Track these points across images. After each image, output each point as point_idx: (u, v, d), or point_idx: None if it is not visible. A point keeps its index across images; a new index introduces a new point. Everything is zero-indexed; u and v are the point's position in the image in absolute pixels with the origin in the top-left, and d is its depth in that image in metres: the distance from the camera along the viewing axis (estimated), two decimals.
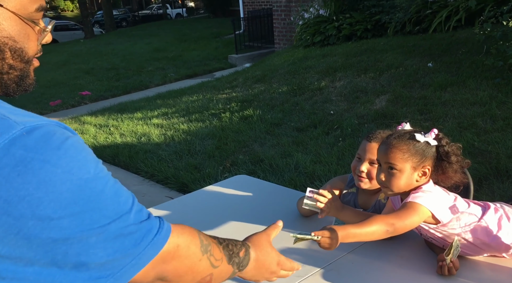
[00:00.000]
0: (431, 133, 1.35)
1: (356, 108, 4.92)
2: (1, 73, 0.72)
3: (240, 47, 10.89)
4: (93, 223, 0.61)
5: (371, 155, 1.65)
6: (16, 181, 0.55)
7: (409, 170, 1.35)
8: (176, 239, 0.74)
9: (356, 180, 1.71)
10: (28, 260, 0.57)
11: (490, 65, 4.54)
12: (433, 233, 1.40)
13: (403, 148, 1.35)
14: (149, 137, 5.35)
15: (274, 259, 1.02)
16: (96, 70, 11.26)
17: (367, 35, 7.36)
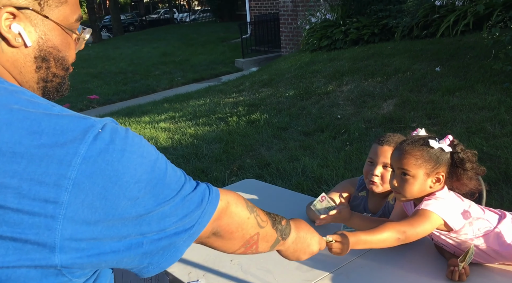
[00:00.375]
0: (446, 139, 1.34)
1: (363, 112, 4.91)
2: (46, 82, 0.79)
3: (247, 51, 10.92)
4: (166, 196, 0.70)
5: (384, 158, 1.65)
6: (107, 169, 0.64)
7: (422, 176, 1.34)
8: (226, 196, 0.83)
9: (368, 183, 1.71)
10: (121, 236, 0.66)
11: (498, 70, 4.52)
12: (444, 239, 1.39)
13: (417, 154, 1.34)
14: (156, 141, 5.37)
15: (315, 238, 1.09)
16: (104, 74, 11.35)
17: (374, 40, 7.36)
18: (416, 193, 1.37)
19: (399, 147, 1.40)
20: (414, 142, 1.37)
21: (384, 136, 1.71)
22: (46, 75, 0.78)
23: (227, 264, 1.51)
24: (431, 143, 1.33)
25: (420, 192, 1.36)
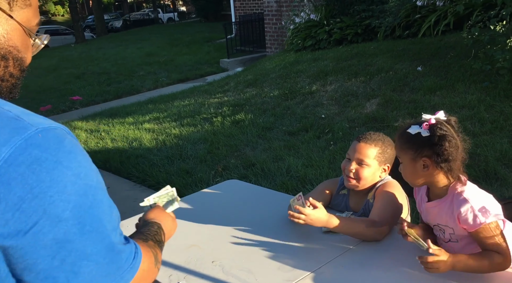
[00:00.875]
0: (424, 124, 1.35)
1: (347, 112, 4.95)
2: (1, 80, 0.75)
3: (232, 51, 10.91)
4: (92, 229, 0.63)
5: (359, 155, 1.68)
6: (31, 178, 0.57)
7: (409, 162, 1.38)
8: (143, 264, 0.77)
9: (345, 180, 1.74)
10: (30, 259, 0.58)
11: (478, 69, 4.60)
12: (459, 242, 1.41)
13: (400, 141, 1.41)
14: (140, 142, 5.33)
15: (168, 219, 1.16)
16: (87, 75, 11.21)
17: (358, 40, 7.42)
18: (412, 178, 1.42)
19: (396, 136, 1.46)
20: (402, 130, 1.41)
21: (364, 134, 1.74)
22: (3, 74, 0.75)
23: (209, 266, 1.51)
24: (410, 129, 1.37)
25: (416, 178, 1.40)
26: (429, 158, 1.34)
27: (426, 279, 1.34)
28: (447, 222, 1.41)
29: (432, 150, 1.33)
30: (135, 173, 4.45)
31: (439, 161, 1.33)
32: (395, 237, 1.61)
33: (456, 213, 1.34)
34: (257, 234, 1.71)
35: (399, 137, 1.41)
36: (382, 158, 1.70)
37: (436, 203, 1.42)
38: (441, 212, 1.41)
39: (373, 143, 1.70)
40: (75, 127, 6.41)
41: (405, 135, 1.38)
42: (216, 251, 1.60)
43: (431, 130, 1.34)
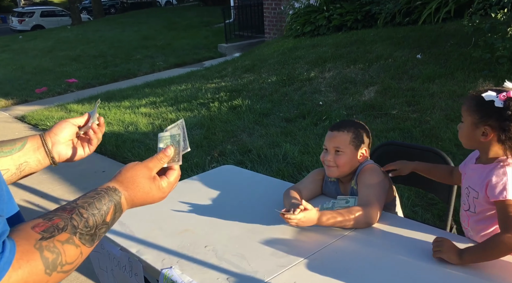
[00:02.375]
0: (501, 94, 1.29)
1: (345, 99, 4.92)
2: None
3: (230, 36, 10.80)
4: None
5: (334, 143, 1.71)
6: None
7: (471, 124, 1.36)
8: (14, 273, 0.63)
9: (326, 170, 1.75)
10: None
11: (478, 58, 4.57)
12: None
13: (469, 102, 1.37)
14: (136, 126, 5.30)
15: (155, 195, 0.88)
16: (83, 58, 11.09)
17: (357, 26, 7.35)
18: (466, 140, 1.42)
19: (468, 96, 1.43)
20: (477, 92, 1.37)
21: (336, 123, 1.78)
22: None
23: (202, 251, 1.50)
24: (485, 94, 1.32)
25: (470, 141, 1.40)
26: (492, 128, 1.33)
27: (419, 265, 1.34)
28: (475, 186, 1.41)
29: (498, 122, 1.31)
30: (130, 157, 4.43)
31: (503, 137, 1.31)
32: (388, 222, 1.60)
33: (487, 179, 1.34)
34: (251, 219, 1.70)
35: (471, 98, 1.38)
36: (356, 142, 1.71)
37: (479, 167, 1.42)
38: (479, 175, 1.40)
39: (345, 129, 1.71)
40: (71, 110, 6.36)
41: (477, 98, 1.34)
42: (210, 236, 1.59)
43: (505, 103, 1.29)
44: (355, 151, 1.71)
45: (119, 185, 0.84)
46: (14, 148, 1.00)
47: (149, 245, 1.56)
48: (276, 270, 1.37)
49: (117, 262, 1.58)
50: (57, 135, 1.05)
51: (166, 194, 0.90)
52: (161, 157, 0.90)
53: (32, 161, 1.02)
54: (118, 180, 0.84)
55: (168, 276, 1.36)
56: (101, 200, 0.78)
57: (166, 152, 0.90)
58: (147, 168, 0.87)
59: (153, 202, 0.88)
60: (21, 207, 0.84)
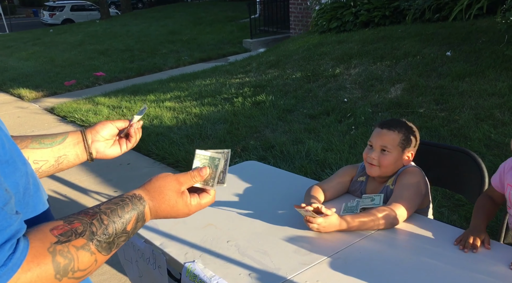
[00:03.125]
0: None
1: (371, 96, 4.85)
2: None
3: (255, 31, 10.78)
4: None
5: (382, 142, 1.64)
6: None
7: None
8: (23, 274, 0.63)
9: (367, 167, 1.70)
10: None
11: (511, 56, 4.42)
12: None
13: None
14: (161, 120, 5.36)
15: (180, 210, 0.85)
16: (111, 51, 11.28)
17: (385, 22, 7.22)
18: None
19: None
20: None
21: (387, 120, 1.70)
22: None
23: (224, 246, 1.50)
24: None
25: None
26: None
27: (445, 268, 1.31)
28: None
29: None
30: (154, 151, 4.48)
31: None
32: (414, 224, 1.57)
33: None
34: (274, 216, 1.70)
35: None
36: (405, 144, 1.66)
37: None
38: None
39: (396, 129, 1.65)
40: (98, 103, 6.49)
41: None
42: (232, 231, 1.60)
43: None
44: (401, 153, 1.66)
45: (146, 193, 0.82)
46: (55, 141, 1.05)
47: (173, 238, 1.58)
48: (299, 268, 1.36)
49: (141, 254, 1.61)
50: (98, 133, 1.10)
51: (191, 212, 0.87)
52: (195, 175, 0.87)
53: (71, 154, 1.06)
54: (146, 188, 0.83)
55: (191, 270, 1.37)
56: (124, 208, 0.77)
57: (202, 172, 0.87)
58: (178, 181, 0.85)
59: (177, 216, 0.85)
60: (49, 196, 0.85)
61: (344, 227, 1.51)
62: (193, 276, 1.35)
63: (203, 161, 0.90)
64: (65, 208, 3.50)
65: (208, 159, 0.90)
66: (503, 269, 1.29)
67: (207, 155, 0.91)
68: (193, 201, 0.86)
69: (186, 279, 1.38)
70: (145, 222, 0.81)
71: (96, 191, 3.81)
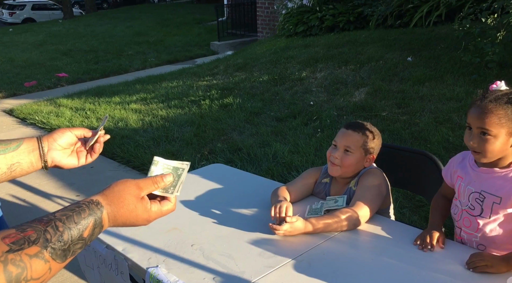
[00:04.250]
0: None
1: (336, 100, 4.94)
2: None
3: (223, 34, 10.77)
4: None
5: (346, 142, 1.68)
6: None
7: (504, 136, 1.28)
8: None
9: (329, 166, 1.74)
10: None
11: (467, 62, 4.61)
12: None
13: (500, 113, 1.27)
14: (126, 122, 5.26)
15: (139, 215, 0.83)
16: (74, 52, 10.98)
17: (349, 27, 7.38)
18: (497, 153, 1.32)
19: (480, 104, 1.31)
20: (497, 99, 1.28)
21: (353, 122, 1.74)
22: None
23: (188, 250, 1.49)
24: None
25: (501, 152, 1.32)
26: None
27: (407, 269, 1.35)
28: (498, 191, 1.37)
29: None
30: (119, 153, 4.39)
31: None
32: (377, 225, 1.61)
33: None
34: (239, 219, 1.70)
35: (499, 106, 1.27)
36: (368, 146, 1.70)
37: (495, 171, 1.38)
38: (499, 180, 1.37)
39: (361, 131, 1.69)
40: (60, 105, 6.30)
41: (509, 107, 1.26)
42: (197, 235, 1.59)
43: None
44: (364, 155, 1.70)
45: (104, 198, 0.79)
46: (8, 147, 0.99)
47: (136, 243, 1.55)
48: (264, 271, 1.36)
49: (103, 260, 1.57)
50: (56, 141, 1.04)
51: (151, 219, 0.84)
52: (158, 181, 0.85)
53: (25, 162, 1.01)
54: (104, 194, 0.80)
55: (154, 275, 1.35)
56: (81, 214, 0.74)
57: (165, 178, 0.86)
58: (137, 186, 0.83)
59: (136, 221, 0.83)
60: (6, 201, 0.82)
61: (309, 229, 1.53)
62: (157, 281, 1.34)
63: (165, 170, 0.89)
64: (25, 213, 3.37)
65: (172, 168, 0.89)
66: (459, 268, 1.34)
67: (170, 165, 0.90)
68: (153, 207, 0.84)
69: None
70: (103, 229, 0.79)
71: (57, 195, 3.69)
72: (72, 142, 1.07)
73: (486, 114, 1.28)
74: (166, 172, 0.89)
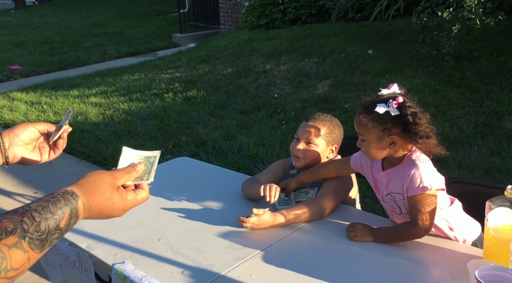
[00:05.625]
0: (393, 103, 1.34)
1: (300, 92, 4.98)
2: None
3: (185, 26, 10.59)
4: None
5: (307, 134, 1.70)
6: None
7: (375, 139, 1.38)
8: None
9: (293, 159, 1.76)
10: None
11: (425, 54, 4.76)
12: None
13: (366, 121, 1.37)
14: (86, 116, 5.09)
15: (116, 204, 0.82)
16: (28, 44, 10.48)
17: (312, 20, 7.44)
18: (375, 154, 1.43)
19: (357, 113, 1.43)
20: (366, 108, 1.39)
21: (312, 114, 1.76)
22: None
23: (156, 245, 1.46)
24: (378, 109, 1.34)
25: (381, 153, 1.42)
26: (398, 135, 1.37)
27: (372, 256, 1.38)
28: (398, 188, 1.45)
29: (401, 128, 1.35)
30: (79, 149, 4.25)
31: (411, 137, 1.35)
32: (343, 214, 1.64)
33: (406, 175, 1.38)
34: (206, 212, 1.68)
35: (363, 115, 1.38)
36: (329, 138, 1.72)
37: (391, 171, 1.46)
38: (395, 178, 1.45)
39: (321, 123, 1.72)
40: (14, 99, 6.01)
41: (372, 114, 1.36)
42: (164, 230, 1.56)
43: (400, 109, 1.34)
44: (326, 146, 1.72)
45: (79, 188, 0.78)
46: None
47: (100, 239, 1.50)
48: (233, 263, 1.36)
49: (65, 258, 1.52)
50: (17, 136, 0.99)
51: (127, 208, 0.84)
52: (130, 170, 0.85)
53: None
54: (79, 184, 0.80)
55: (121, 271, 1.32)
56: (56, 204, 0.73)
57: (137, 167, 0.86)
58: (113, 176, 0.83)
59: (112, 211, 0.82)
60: None
61: (280, 221, 1.54)
62: (123, 277, 1.30)
63: (136, 159, 0.89)
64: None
65: (143, 157, 0.89)
66: (422, 254, 1.39)
67: (141, 155, 0.90)
68: (129, 196, 0.84)
69: (117, 281, 1.32)
70: (78, 219, 0.77)
71: (14, 192, 3.53)
72: (34, 137, 1.02)
73: (357, 123, 1.44)
74: (137, 161, 0.88)
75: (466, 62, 4.56)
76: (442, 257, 1.37)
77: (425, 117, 1.36)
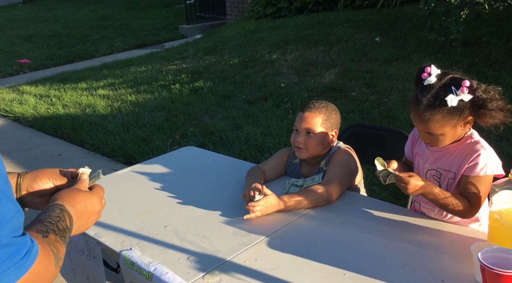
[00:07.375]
0: (464, 88, 1.30)
1: (306, 81, 4.96)
2: None
3: (191, 17, 10.56)
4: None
5: (306, 125, 1.70)
6: None
7: (450, 130, 1.37)
8: (37, 266, 0.69)
9: (296, 151, 1.76)
10: None
11: (433, 41, 4.71)
12: None
13: (438, 118, 1.33)
14: (94, 108, 5.13)
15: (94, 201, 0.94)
16: (36, 37, 10.55)
17: (318, 9, 7.38)
18: (449, 141, 1.42)
19: (417, 112, 1.36)
20: (431, 104, 1.33)
21: (307, 104, 1.76)
22: None
23: (162, 232, 1.48)
24: (449, 101, 1.30)
25: (453, 139, 1.42)
26: (472, 113, 1.35)
27: (377, 241, 1.39)
28: (451, 167, 1.45)
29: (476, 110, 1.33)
30: (88, 141, 4.30)
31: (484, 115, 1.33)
32: (348, 201, 1.65)
33: (469, 154, 1.39)
34: (212, 200, 1.70)
35: (432, 112, 1.32)
36: (328, 124, 1.73)
37: (448, 147, 1.45)
38: (452, 155, 1.44)
39: (317, 111, 1.71)
40: (23, 92, 6.07)
41: (442, 109, 1.31)
42: (171, 217, 1.58)
43: (471, 92, 1.32)
44: (326, 132, 1.72)
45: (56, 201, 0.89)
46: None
47: (108, 227, 1.53)
48: (238, 249, 1.38)
49: (74, 246, 1.55)
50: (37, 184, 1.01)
51: (101, 197, 0.98)
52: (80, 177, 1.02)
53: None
54: (54, 198, 0.90)
55: (128, 258, 1.34)
56: (54, 211, 0.84)
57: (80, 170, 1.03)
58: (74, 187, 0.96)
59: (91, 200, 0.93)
60: None
61: (283, 206, 1.55)
62: (131, 263, 1.33)
63: None
64: None
65: None
66: (426, 238, 1.40)
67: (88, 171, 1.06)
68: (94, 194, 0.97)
69: (125, 267, 1.35)
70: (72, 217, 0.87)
71: None
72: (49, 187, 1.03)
73: (426, 123, 1.36)
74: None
75: (475, 48, 4.50)
76: (447, 241, 1.37)
77: (494, 90, 1.34)
